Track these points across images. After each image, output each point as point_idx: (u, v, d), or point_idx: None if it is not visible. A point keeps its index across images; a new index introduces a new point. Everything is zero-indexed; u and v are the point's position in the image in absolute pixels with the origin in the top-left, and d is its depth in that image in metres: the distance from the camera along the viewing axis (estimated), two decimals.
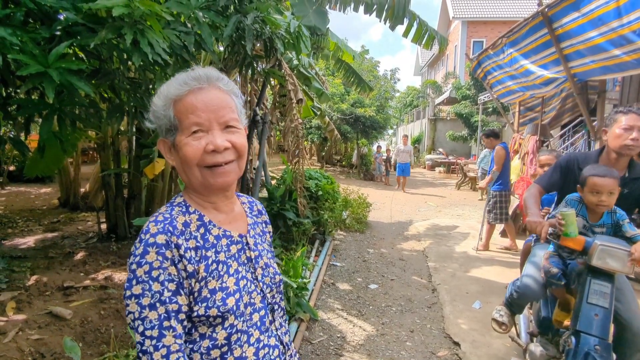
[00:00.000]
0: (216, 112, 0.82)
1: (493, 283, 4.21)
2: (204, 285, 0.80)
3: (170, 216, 0.82)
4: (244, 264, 0.89)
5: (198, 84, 0.82)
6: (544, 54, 4.50)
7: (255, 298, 0.89)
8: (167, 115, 0.83)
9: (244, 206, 1.00)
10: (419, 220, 7.83)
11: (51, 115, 2.23)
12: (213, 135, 0.81)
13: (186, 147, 0.81)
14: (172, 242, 0.77)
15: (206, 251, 0.82)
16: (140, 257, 0.75)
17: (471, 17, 21.26)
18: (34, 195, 7.77)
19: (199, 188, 0.86)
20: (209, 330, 0.80)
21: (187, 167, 0.83)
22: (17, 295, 3.08)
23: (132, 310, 0.74)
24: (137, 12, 1.86)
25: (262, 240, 0.99)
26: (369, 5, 4.98)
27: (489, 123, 15.63)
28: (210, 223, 0.86)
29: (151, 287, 0.74)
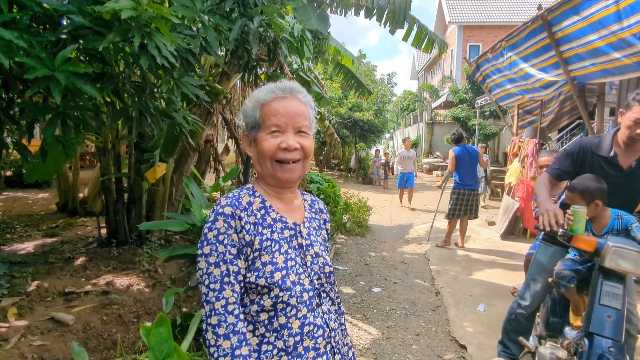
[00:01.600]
0: (293, 118, 0.98)
1: (496, 286, 4.21)
2: (258, 256, 0.93)
3: (238, 195, 0.99)
4: (295, 248, 1.01)
5: (282, 94, 0.99)
6: (544, 57, 4.54)
7: (303, 280, 0.98)
8: (254, 115, 1.00)
9: (305, 203, 1.13)
10: (418, 223, 7.83)
11: (55, 119, 2.22)
12: (287, 136, 0.97)
13: (264, 142, 0.97)
14: (237, 215, 0.93)
15: (263, 228, 0.97)
16: (212, 223, 0.92)
17: (467, 22, 21.42)
18: (31, 201, 7.70)
19: (268, 179, 1.02)
20: (257, 297, 0.92)
21: (262, 159, 0.99)
22: (18, 301, 3.04)
23: (201, 267, 0.90)
24: (145, 15, 1.86)
25: (317, 234, 1.10)
26: (370, 9, 5.01)
27: (486, 126, 15.70)
28: (270, 207, 1.01)
29: (217, 248, 0.90)
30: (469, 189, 5.68)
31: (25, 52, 1.79)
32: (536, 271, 2.32)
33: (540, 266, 2.30)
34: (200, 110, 4.47)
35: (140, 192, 4.63)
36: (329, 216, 1.20)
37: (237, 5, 2.49)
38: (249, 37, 2.53)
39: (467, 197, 5.68)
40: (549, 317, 2.23)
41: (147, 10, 1.83)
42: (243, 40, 2.70)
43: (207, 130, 4.68)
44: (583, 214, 1.79)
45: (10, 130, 3.79)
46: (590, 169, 2.02)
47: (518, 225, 6.66)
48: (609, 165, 1.99)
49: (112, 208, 4.60)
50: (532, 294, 2.28)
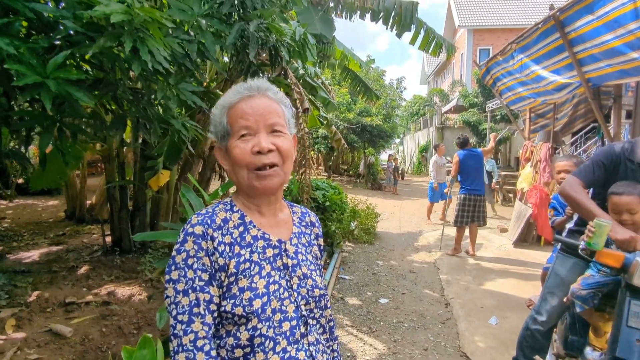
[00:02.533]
0: (263, 116, 0.87)
1: (509, 297, 4.05)
2: (234, 281, 0.82)
3: (212, 211, 0.88)
4: (279, 269, 0.89)
5: (249, 92, 0.89)
6: (556, 59, 4.39)
7: (287, 306, 0.87)
8: (221, 122, 0.89)
9: (294, 215, 1.01)
10: (428, 230, 7.66)
11: (51, 127, 2.18)
12: (259, 138, 0.86)
13: (235, 150, 0.86)
14: (208, 235, 0.82)
15: (240, 248, 0.85)
16: (180, 244, 0.81)
17: (477, 25, 21.23)
18: (40, 208, 7.76)
19: (246, 190, 0.90)
20: (234, 328, 0.81)
21: (237, 168, 0.88)
22: (17, 312, 3.00)
23: (169, 295, 0.79)
24: (137, 19, 1.80)
25: (307, 251, 0.98)
26: (376, 12, 4.92)
27: (497, 130, 15.47)
28: (250, 223, 0.90)
29: (186, 273, 0.79)
30: (475, 194, 5.53)
31: (17, 59, 1.74)
32: (554, 284, 2.17)
33: (558, 279, 2.15)
34: (205, 117, 4.43)
35: (144, 200, 4.60)
36: (321, 230, 1.08)
37: (235, 9, 2.43)
38: (249, 42, 2.47)
39: (474, 202, 5.52)
40: (567, 335, 2.08)
41: (138, 14, 1.76)
42: (243, 45, 2.64)
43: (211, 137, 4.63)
44: (607, 228, 1.63)
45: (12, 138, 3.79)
46: (622, 177, 1.87)
47: (531, 232, 6.46)
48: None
49: (116, 216, 4.58)
50: (549, 309, 2.13)
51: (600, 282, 1.85)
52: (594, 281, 1.86)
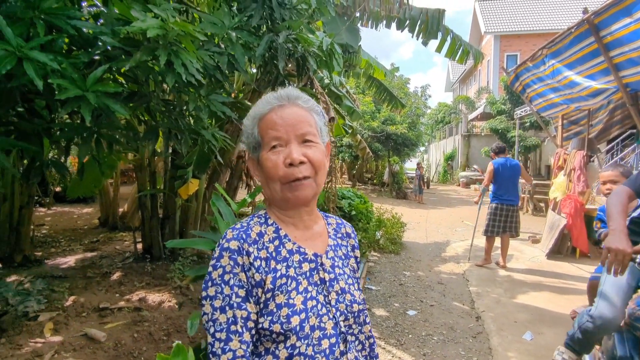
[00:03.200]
0: (294, 126, 0.84)
1: (544, 311, 3.87)
2: (271, 298, 0.80)
3: (247, 225, 0.86)
4: (316, 284, 0.86)
5: (279, 102, 0.86)
6: (591, 64, 4.24)
7: (326, 323, 0.84)
8: (252, 133, 0.88)
9: (329, 227, 0.98)
10: (456, 240, 7.48)
11: (89, 138, 2.27)
12: (290, 149, 0.83)
13: (266, 162, 0.84)
14: (244, 250, 0.80)
15: (276, 263, 0.83)
16: (216, 260, 0.80)
17: (504, 31, 20.84)
18: (76, 215, 8.08)
19: (279, 203, 0.88)
20: (272, 346, 0.79)
21: (270, 181, 0.85)
22: (55, 316, 3.12)
23: (206, 312, 0.78)
24: (172, 33, 1.86)
25: (344, 264, 0.95)
26: (402, 21, 4.91)
27: (526, 138, 15.05)
28: (285, 237, 0.87)
29: (223, 290, 0.77)
30: (508, 204, 5.35)
31: (59, 74, 1.83)
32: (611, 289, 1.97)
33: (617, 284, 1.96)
34: (232, 127, 4.52)
35: (174, 209, 4.71)
36: (357, 241, 1.04)
37: (265, 21, 2.48)
38: (277, 53, 2.50)
39: (506, 212, 5.34)
40: (615, 353, 1.95)
41: (173, 28, 1.83)
42: (272, 56, 2.69)
43: (238, 146, 4.71)
44: None
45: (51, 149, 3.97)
46: None
47: (565, 243, 6.19)
48: None
49: (147, 224, 4.70)
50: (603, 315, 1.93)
51: None
52: None
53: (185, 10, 2.89)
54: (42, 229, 6.50)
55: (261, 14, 2.39)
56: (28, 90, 2.36)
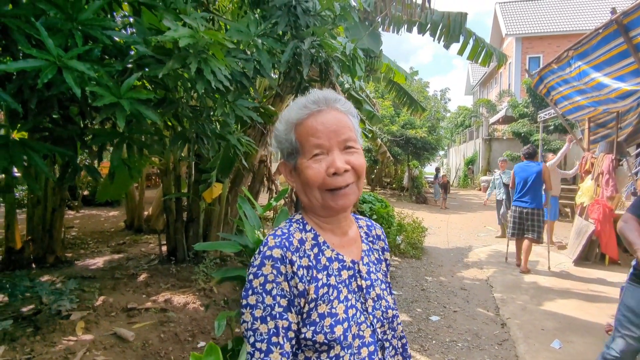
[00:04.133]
0: (335, 132, 0.81)
1: (572, 319, 3.76)
2: (314, 307, 0.78)
3: (287, 232, 0.82)
4: (354, 292, 0.85)
5: (317, 107, 0.83)
6: (620, 65, 4.12)
7: (364, 331, 0.83)
8: (288, 139, 0.84)
9: (361, 230, 0.96)
10: (479, 246, 7.35)
11: (121, 143, 2.36)
12: (333, 157, 0.80)
13: (308, 170, 0.81)
14: (287, 258, 0.77)
15: (317, 272, 0.81)
16: (258, 268, 0.77)
17: (525, 33, 20.44)
18: (103, 218, 8.33)
19: (318, 210, 0.85)
20: (314, 355, 0.77)
21: (309, 189, 0.82)
22: (86, 315, 3.22)
23: (246, 320, 0.76)
24: (202, 42, 1.92)
25: (377, 269, 0.93)
26: (423, 25, 4.90)
27: (550, 142, 14.67)
28: (324, 244, 0.85)
29: (264, 299, 0.75)
30: (521, 206, 5.45)
31: (96, 82, 1.92)
32: (626, 319, 1.97)
33: (631, 312, 1.95)
34: (255, 131, 4.59)
35: (197, 212, 4.81)
36: (387, 243, 1.03)
37: (290, 28, 2.52)
38: (301, 59, 2.54)
39: (519, 215, 5.46)
40: None
41: (203, 37, 1.89)
42: (295, 61, 2.73)
43: (261, 150, 4.78)
44: None
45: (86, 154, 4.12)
46: None
47: (594, 250, 6.00)
48: None
49: (172, 227, 4.81)
50: (622, 348, 1.92)
51: None
52: None
53: (212, 18, 2.97)
54: (71, 231, 6.73)
55: (286, 21, 2.43)
56: (64, 98, 2.47)
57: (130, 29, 2.53)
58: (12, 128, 2.21)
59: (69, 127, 2.45)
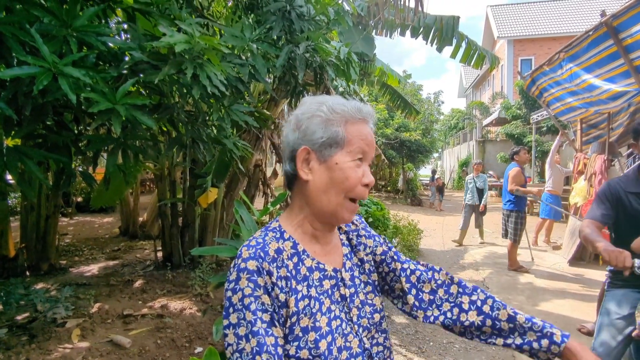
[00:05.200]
0: (373, 147, 0.82)
1: (568, 319, 3.79)
2: (296, 322, 0.74)
3: (262, 241, 0.77)
4: (338, 302, 0.81)
5: (363, 116, 0.81)
6: (610, 67, 4.19)
7: (351, 342, 0.80)
8: (336, 130, 0.78)
9: (339, 231, 0.93)
10: (474, 247, 7.39)
11: (117, 149, 2.35)
12: (365, 168, 0.80)
13: (349, 170, 0.78)
14: (264, 269, 0.73)
15: (297, 284, 0.76)
16: (235, 283, 0.72)
17: (517, 36, 20.66)
18: (97, 225, 8.27)
19: (322, 214, 0.80)
20: None
21: (334, 189, 0.78)
22: (81, 323, 3.20)
23: (230, 342, 0.70)
24: (197, 47, 1.93)
25: (360, 272, 0.90)
26: (416, 29, 4.95)
27: (543, 143, 14.81)
28: (304, 253, 0.81)
29: (245, 316, 0.70)
30: (502, 208, 5.73)
31: (91, 88, 1.92)
32: (607, 322, 1.98)
33: (611, 315, 1.97)
34: (250, 136, 4.60)
35: (193, 217, 4.80)
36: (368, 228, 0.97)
37: (284, 33, 2.54)
38: (296, 63, 2.56)
39: (502, 216, 5.72)
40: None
41: (199, 42, 1.89)
42: (290, 66, 2.74)
43: (256, 155, 4.78)
44: None
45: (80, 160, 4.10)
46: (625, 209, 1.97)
47: (588, 249, 6.04)
48: None
49: (167, 232, 4.79)
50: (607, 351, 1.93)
51: None
52: None
53: (206, 24, 2.98)
54: (65, 238, 6.68)
55: (281, 26, 2.45)
56: (58, 104, 2.46)
57: (124, 35, 2.53)
58: (6, 135, 2.20)
59: (63, 134, 2.44)
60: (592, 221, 2.00)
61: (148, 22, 2.52)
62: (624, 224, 1.99)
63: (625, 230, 1.95)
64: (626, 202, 1.96)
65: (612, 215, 2.01)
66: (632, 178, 2.02)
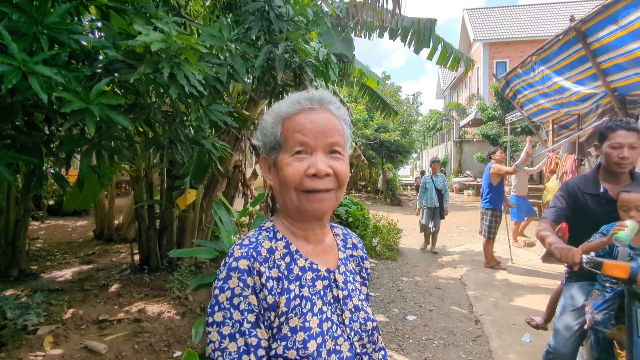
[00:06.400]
0: (324, 133, 0.77)
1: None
2: (285, 321, 0.73)
3: (256, 241, 0.78)
4: (330, 303, 0.80)
5: (310, 104, 0.79)
6: (579, 70, 4.36)
7: (341, 345, 0.78)
8: (274, 132, 0.80)
9: (337, 238, 0.92)
10: (452, 246, 7.54)
11: (91, 150, 2.29)
12: (315, 158, 0.76)
13: (287, 167, 0.77)
14: (255, 269, 0.72)
15: (289, 283, 0.76)
16: (224, 281, 0.71)
17: (492, 39, 21.22)
18: (70, 228, 8.01)
19: (292, 212, 0.81)
20: None
21: (285, 188, 0.78)
22: (54, 329, 3.09)
23: (212, 340, 0.70)
24: (174, 46, 1.90)
25: (354, 279, 0.89)
26: (394, 30, 5.02)
27: (517, 143, 15.25)
28: (296, 253, 0.80)
29: (232, 315, 0.69)
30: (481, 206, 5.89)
31: (63, 87, 1.86)
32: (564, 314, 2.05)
33: (568, 308, 2.04)
34: (229, 136, 4.55)
35: (171, 219, 4.71)
36: (365, 252, 0.99)
37: (263, 33, 2.53)
38: (275, 63, 2.55)
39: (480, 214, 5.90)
40: (593, 353, 2.02)
41: (176, 41, 1.87)
42: (269, 66, 2.73)
43: (235, 155, 4.74)
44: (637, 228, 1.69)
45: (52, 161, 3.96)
46: (582, 209, 2.02)
47: None
48: (602, 201, 1.99)
49: (144, 235, 4.69)
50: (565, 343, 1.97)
51: (610, 300, 1.83)
52: (603, 300, 1.84)
53: (184, 23, 2.94)
54: (36, 243, 6.44)
55: (260, 26, 2.44)
56: (28, 104, 2.38)
57: (98, 33, 2.47)
58: None
59: (34, 134, 2.36)
60: (546, 220, 2.06)
61: (123, 21, 2.46)
62: (579, 223, 2.05)
63: (580, 230, 2.02)
64: (583, 202, 2.01)
65: (567, 214, 2.04)
66: (590, 179, 2.07)
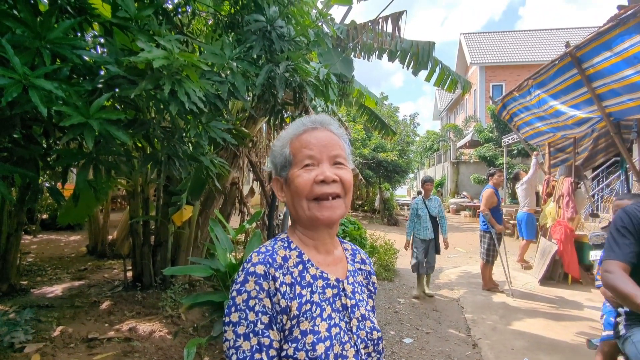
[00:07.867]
0: (327, 147, 0.87)
1: (540, 338, 3.85)
2: (296, 324, 0.79)
3: (272, 249, 0.85)
4: (339, 311, 0.86)
5: (313, 125, 0.90)
6: (575, 94, 4.42)
7: (348, 351, 0.82)
8: (283, 153, 0.89)
9: (346, 252, 0.99)
10: (449, 267, 7.47)
11: (88, 164, 2.27)
12: (322, 168, 0.85)
13: (298, 179, 0.85)
14: (270, 274, 0.79)
15: (301, 289, 0.82)
16: (241, 285, 0.78)
17: (488, 62, 21.63)
18: (63, 243, 7.90)
19: (305, 221, 0.88)
20: None
21: (297, 199, 0.86)
22: (42, 347, 3.00)
23: (228, 338, 0.76)
24: (176, 63, 1.92)
25: (362, 290, 0.95)
26: (393, 53, 5.10)
27: (514, 165, 15.35)
28: (308, 262, 0.87)
29: (247, 316, 0.76)
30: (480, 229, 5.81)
31: (63, 101, 1.86)
32: None
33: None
34: (227, 153, 4.56)
35: (166, 235, 4.66)
36: (373, 268, 1.04)
37: (264, 52, 2.56)
38: (275, 82, 2.58)
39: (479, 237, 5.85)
40: None
41: (178, 59, 1.88)
42: (269, 85, 2.76)
43: (233, 172, 4.73)
44: None
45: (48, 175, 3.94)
46: None
47: (557, 269, 6.23)
48: None
49: (138, 251, 4.62)
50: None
51: None
52: None
53: (186, 41, 2.97)
54: (27, 257, 6.33)
55: (261, 46, 2.47)
56: (27, 117, 2.38)
57: (101, 49, 2.49)
58: None
59: (31, 147, 2.35)
60: (615, 262, 1.63)
61: (126, 37, 2.49)
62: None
63: None
64: None
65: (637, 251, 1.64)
66: None
